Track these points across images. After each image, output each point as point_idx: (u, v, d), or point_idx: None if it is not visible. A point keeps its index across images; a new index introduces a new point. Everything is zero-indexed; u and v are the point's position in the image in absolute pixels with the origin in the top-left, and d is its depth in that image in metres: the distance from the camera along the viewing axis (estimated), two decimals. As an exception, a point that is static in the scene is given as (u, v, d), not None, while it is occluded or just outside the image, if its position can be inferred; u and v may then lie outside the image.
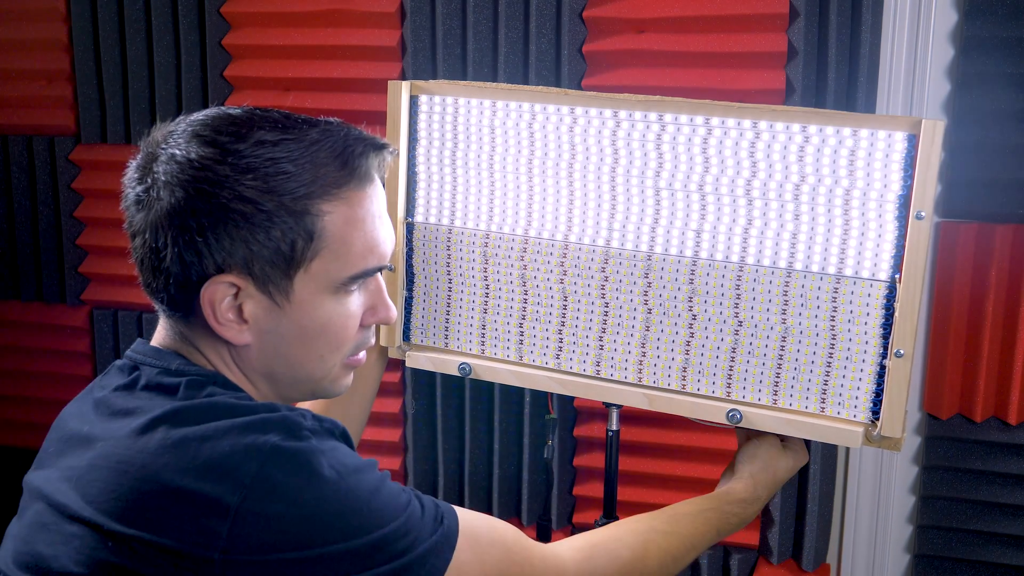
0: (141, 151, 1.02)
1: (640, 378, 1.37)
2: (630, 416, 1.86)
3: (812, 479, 1.90)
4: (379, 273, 1.06)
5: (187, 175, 0.95)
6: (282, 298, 0.98)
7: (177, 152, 0.96)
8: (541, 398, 1.98)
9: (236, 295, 0.98)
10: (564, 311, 1.40)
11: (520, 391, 2.00)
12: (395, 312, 1.07)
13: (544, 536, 1.68)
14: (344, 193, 0.99)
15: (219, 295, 0.98)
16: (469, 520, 1.02)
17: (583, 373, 1.40)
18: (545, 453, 1.56)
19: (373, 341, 1.11)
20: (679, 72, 1.83)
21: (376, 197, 1.03)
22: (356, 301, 1.03)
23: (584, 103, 1.35)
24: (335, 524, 0.90)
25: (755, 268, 1.29)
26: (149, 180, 0.98)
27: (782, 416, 1.30)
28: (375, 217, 1.02)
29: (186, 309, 1.00)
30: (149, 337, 1.06)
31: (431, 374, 2.00)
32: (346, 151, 0.99)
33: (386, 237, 1.04)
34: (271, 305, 0.99)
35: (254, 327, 1.00)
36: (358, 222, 1.00)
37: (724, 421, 1.33)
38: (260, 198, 0.94)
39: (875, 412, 1.26)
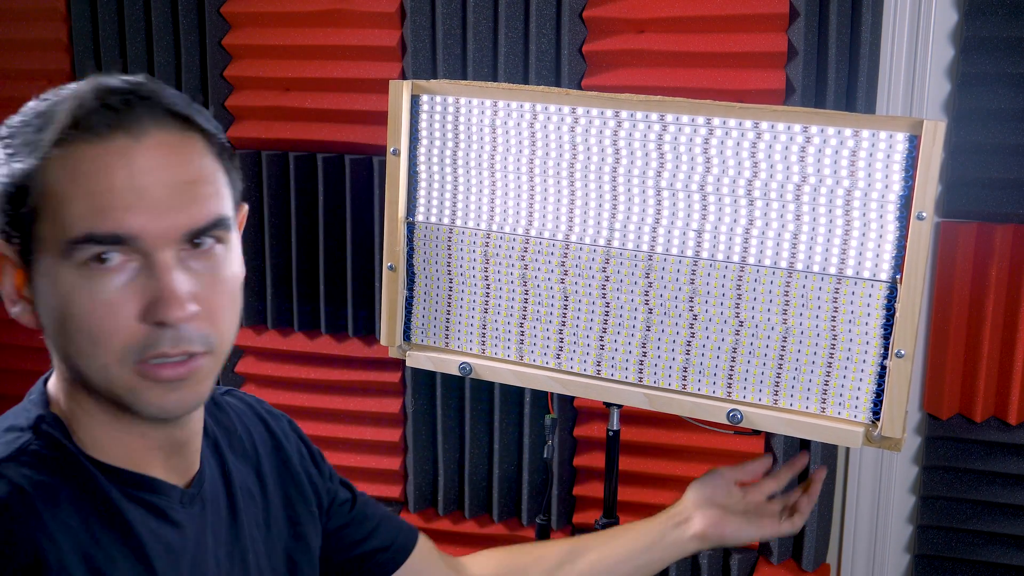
0: None
1: (640, 378, 1.37)
2: (630, 416, 1.86)
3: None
4: (160, 254, 0.83)
5: None
6: (33, 268, 0.86)
7: None
8: (541, 398, 1.98)
9: (3, 263, 0.89)
10: (565, 311, 1.40)
11: (520, 391, 2.00)
12: (181, 310, 0.83)
13: (543, 536, 1.68)
14: (72, 144, 0.83)
15: None
16: None
17: (583, 373, 1.40)
18: (545, 453, 1.56)
19: (170, 349, 0.84)
20: (679, 72, 1.83)
21: (122, 154, 0.83)
22: (115, 282, 0.83)
23: (584, 103, 1.35)
24: None
25: (756, 268, 1.29)
26: None
27: (782, 416, 1.30)
28: (113, 176, 0.82)
29: None
30: None
31: (431, 374, 2.00)
32: (83, 100, 0.84)
33: (133, 203, 0.82)
34: (24, 274, 0.87)
35: (30, 303, 0.88)
36: (81, 177, 0.82)
37: (724, 421, 1.33)
38: None
39: (875, 412, 1.26)
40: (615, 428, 1.48)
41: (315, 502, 1.14)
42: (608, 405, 1.46)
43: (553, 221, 1.39)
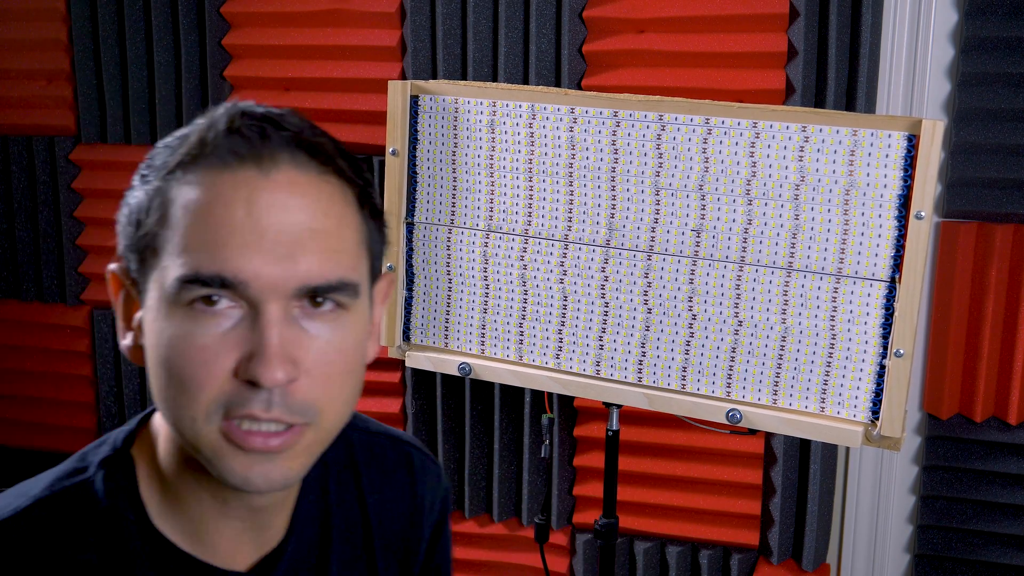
0: None
1: (640, 378, 1.37)
2: (630, 416, 1.86)
3: (812, 479, 1.90)
4: (268, 305, 0.73)
5: None
6: (144, 299, 0.77)
7: None
8: (541, 398, 1.98)
9: (119, 287, 0.82)
10: (564, 311, 1.40)
11: (520, 391, 2.00)
12: (275, 375, 0.71)
13: (542, 536, 1.68)
14: (198, 170, 0.74)
15: (111, 287, 0.82)
16: None
17: (583, 373, 1.40)
18: (542, 452, 1.56)
19: (261, 412, 0.73)
20: (679, 72, 1.83)
21: (246, 186, 0.73)
22: (216, 328, 0.73)
23: (584, 103, 1.35)
24: None
25: (755, 268, 1.29)
26: None
27: (782, 416, 1.30)
28: (231, 211, 0.72)
29: None
30: None
31: (431, 374, 2.00)
32: (215, 122, 0.76)
33: (247, 244, 0.72)
34: (140, 307, 0.79)
35: (140, 338, 0.79)
36: (196, 206, 0.73)
37: (723, 421, 1.33)
38: (136, 174, 0.80)
39: (875, 412, 1.26)
40: (615, 428, 1.48)
41: None
42: (608, 405, 1.46)
43: (552, 221, 1.39)
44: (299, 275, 0.73)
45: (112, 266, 0.81)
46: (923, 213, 1.20)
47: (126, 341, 0.81)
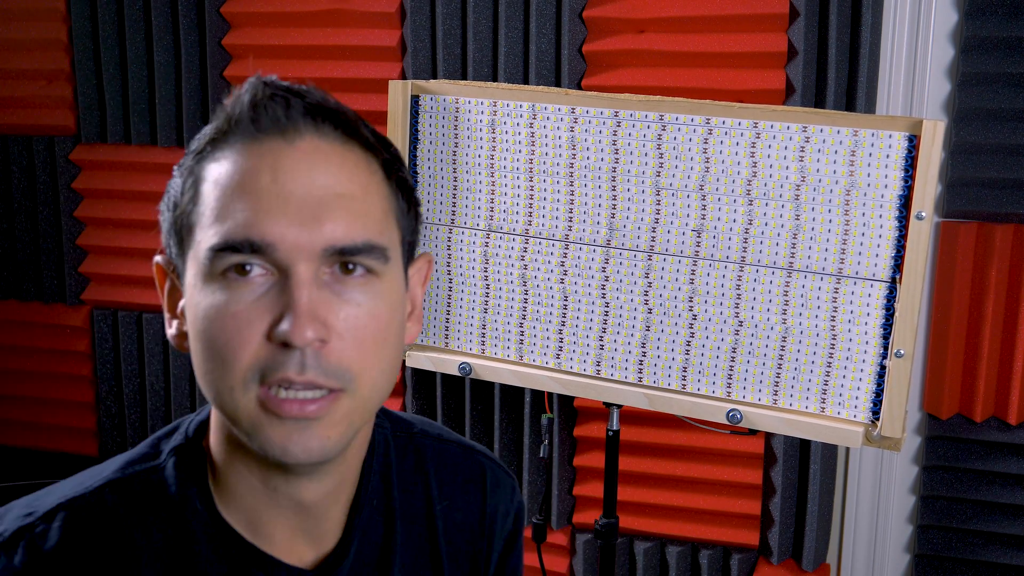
0: None
1: (640, 378, 1.37)
2: (630, 416, 1.86)
3: (812, 479, 1.90)
4: (297, 267, 0.73)
5: None
6: (183, 281, 0.78)
7: None
8: (541, 398, 1.98)
9: (164, 277, 0.83)
10: (564, 311, 1.40)
11: (520, 391, 2.00)
12: (304, 333, 0.72)
13: (540, 536, 1.68)
14: (226, 146, 0.76)
15: (157, 279, 0.83)
16: None
17: (583, 373, 1.40)
18: (541, 452, 1.56)
19: (295, 375, 0.73)
20: (679, 72, 1.84)
21: (270, 156, 0.75)
22: (248, 295, 0.74)
23: (584, 103, 1.35)
24: None
25: (755, 268, 1.29)
26: None
27: (782, 416, 1.30)
28: (257, 179, 0.74)
29: None
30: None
31: (431, 374, 2.00)
32: (240, 98, 0.78)
33: (273, 208, 0.73)
34: (182, 293, 0.79)
35: (184, 325, 0.80)
36: (225, 179, 0.75)
37: (724, 421, 1.33)
38: (176, 166, 0.82)
39: (875, 412, 1.26)
40: (615, 428, 1.48)
41: None
42: (608, 405, 1.46)
43: (553, 221, 1.39)
44: (325, 236, 0.73)
45: (157, 258, 0.82)
46: (923, 213, 1.20)
47: (172, 330, 0.82)
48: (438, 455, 0.97)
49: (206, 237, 0.74)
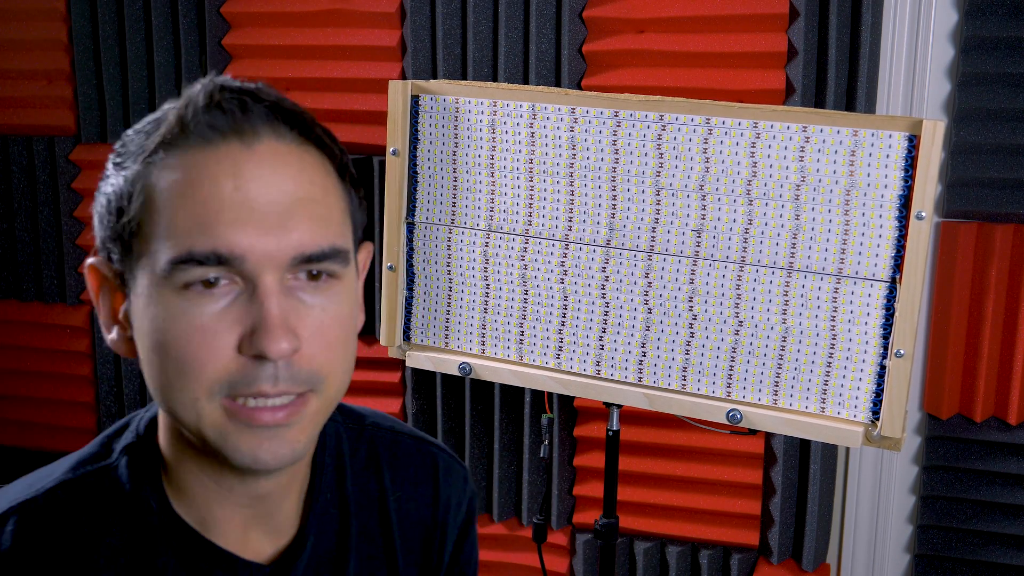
0: None
1: (640, 378, 1.37)
2: (630, 416, 1.86)
3: (812, 479, 1.90)
4: (265, 277, 0.72)
5: None
6: (130, 288, 0.76)
7: None
8: (541, 398, 1.98)
9: (103, 283, 0.81)
10: (564, 311, 1.40)
11: (520, 391, 2.00)
12: (279, 345, 0.71)
13: (540, 536, 1.68)
14: (178, 151, 0.73)
15: (90, 282, 0.81)
16: None
17: (583, 373, 1.40)
18: (541, 452, 1.56)
19: (269, 387, 0.73)
20: (679, 72, 1.83)
21: (231, 161, 0.73)
22: (214, 307, 0.72)
23: (584, 103, 1.35)
24: None
25: (755, 268, 1.29)
26: None
27: (782, 416, 1.30)
28: (219, 186, 0.72)
29: None
30: None
31: (431, 374, 2.00)
32: (193, 99, 0.74)
33: (239, 218, 0.71)
34: (125, 299, 0.78)
35: (125, 329, 0.79)
36: (183, 186, 0.72)
37: (724, 421, 1.33)
38: (108, 163, 0.79)
39: (875, 412, 1.26)
40: (615, 428, 1.48)
41: None
42: (608, 405, 1.46)
43: (553, 221, 1.39)
44: (292, 244, 0.73)
45: (91, 260, 0.80)
46: (923, 213, 1.20)
47: (112, 335, 0.80)
48: (390, 447, 0.98)
49: (164, 248, 0.72)
